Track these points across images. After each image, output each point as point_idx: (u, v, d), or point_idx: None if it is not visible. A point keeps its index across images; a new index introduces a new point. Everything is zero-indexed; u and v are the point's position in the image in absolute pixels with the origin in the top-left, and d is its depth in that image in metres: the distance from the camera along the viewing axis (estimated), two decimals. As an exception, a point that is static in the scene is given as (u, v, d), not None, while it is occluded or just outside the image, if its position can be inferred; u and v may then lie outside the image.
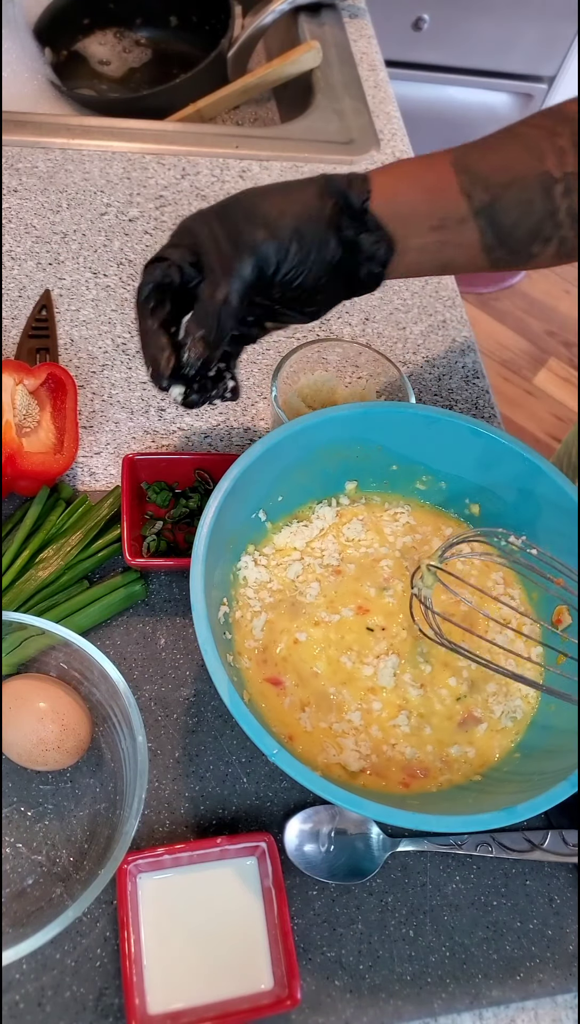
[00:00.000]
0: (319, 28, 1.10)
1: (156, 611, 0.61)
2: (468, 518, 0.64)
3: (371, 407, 0.61)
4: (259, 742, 0.46)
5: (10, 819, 0.52)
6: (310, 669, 0.56)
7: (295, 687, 0.55)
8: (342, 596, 0.59)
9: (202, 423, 0.73)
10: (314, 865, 0.52)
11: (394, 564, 0.61)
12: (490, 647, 0.57)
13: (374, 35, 1.13)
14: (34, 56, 1.07)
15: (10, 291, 0.78)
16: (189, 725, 0.57)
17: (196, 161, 0.92)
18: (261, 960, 0.49)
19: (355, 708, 0.55)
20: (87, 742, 0.53)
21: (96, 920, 0.50)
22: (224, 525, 0.54)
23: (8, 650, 0.54)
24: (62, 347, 0.75)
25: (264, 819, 0.54)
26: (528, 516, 0.61)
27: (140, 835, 0.53)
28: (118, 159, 0.90)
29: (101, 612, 0.59)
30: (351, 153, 0.97)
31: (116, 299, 0.79)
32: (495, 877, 0.54)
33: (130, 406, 0.73)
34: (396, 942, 0.51)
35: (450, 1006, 0.50)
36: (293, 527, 0.62)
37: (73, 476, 0.68)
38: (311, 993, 0.49)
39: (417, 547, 0.62)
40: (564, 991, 0.52)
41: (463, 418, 0.60)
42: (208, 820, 0.54)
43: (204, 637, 0.48)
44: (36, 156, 0.89)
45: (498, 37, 2.11)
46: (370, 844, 0.53)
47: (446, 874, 0.54)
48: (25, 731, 0.51)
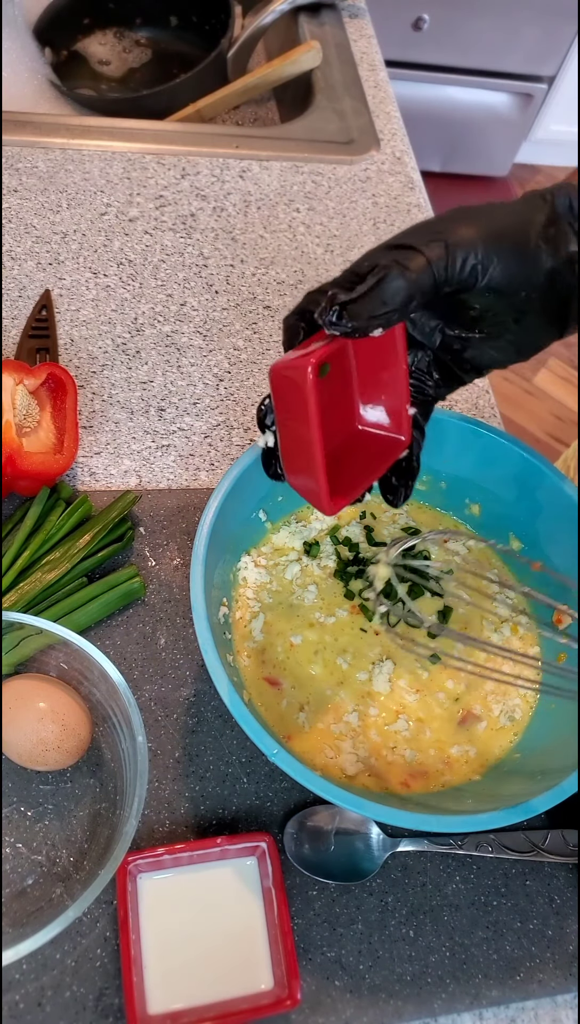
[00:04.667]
0: (319, 28, 1.10)
1: (156, 611, 0.61)
2: (468, 518, 0.64)
3: (371, 407, 0.61)
4: (259, 742, 0.46)
5: (10, 819, 0.52)
6: (307, 671, 0.56)
7: (292, 688, 0.55)
8: (338, 598, 0.59)
9: (202, 423, 0.73)
10: (314, 865, 0.52)
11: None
12: (488, 649, 0.57)
13: (374, 35, 1.13)
14: (34, 56, 1.07)
15: (10, 291, 0.78)
16: (189, 725, 0.57)
17: (196, 161, 0.92)
18: (261, 960, 0.48)
19: (353, 710, 0.55)
20: (87, 742, 0.53)
21: (96, 920, 0.50)
22: (224, 525, 0.54)
23: (6, 650, 0.54)
24: (62, 347, 0.75)
25: (264, 819, 0.54)
26: (528, 516, 0.61)
27: (140, 835, 0.53)
28: (118, 159, 0.90)
29: (100, 610, 0.59)
30: (351, 153, 0.97)
31: (116, 299, 0.79)
32: (495, 877, 0.54)
33: (130, 406, 0.73)
34: (396, 942, 0.51)
35: (450, 1006, 0.50)
36: (292, 527, 0.62)
37: (73, 476, 0.68)
38: (311, 993, 0.49)
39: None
40: (564, 991, 0.52)
41: (464, 418, 0.60)
42: (208, 820, 0.54)
43: (204, 637, 0.48)
44: (36, 156, 0.89)
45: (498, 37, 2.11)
46: (370, 844, 0.53)
47: (446, 874, 0.54)
48: (25, 731, 0.51)
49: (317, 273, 0.86)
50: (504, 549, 0.51)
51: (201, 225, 0.87)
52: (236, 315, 0.81)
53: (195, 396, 0.74)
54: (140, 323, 0.78)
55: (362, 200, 0.94)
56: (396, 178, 0.97)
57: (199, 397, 0.74)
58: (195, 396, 0.74)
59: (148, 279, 0.82)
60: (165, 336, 0.78)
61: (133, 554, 0.64)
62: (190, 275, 0.83)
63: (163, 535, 0.65)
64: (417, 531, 0.63)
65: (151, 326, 0.78)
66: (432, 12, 2.03)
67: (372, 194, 0.94)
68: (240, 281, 0.84)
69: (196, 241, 0.86)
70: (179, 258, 0.84)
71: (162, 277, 0.82)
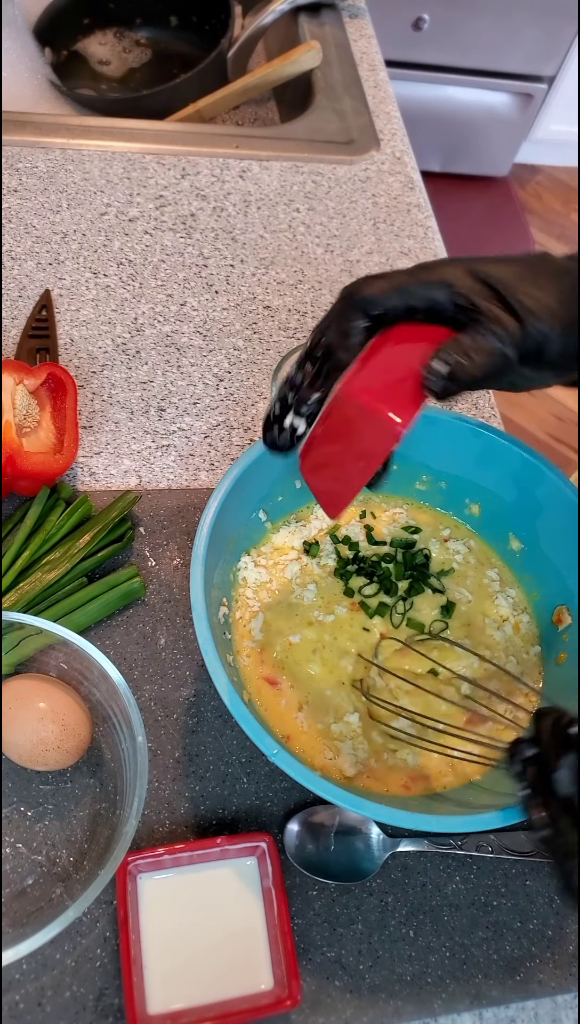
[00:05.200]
0: (319, 28, 1.10)
1: (156, 611, 0.61)
2: (468, 518, 0.64)
3: (371, 407, 0.61)
4: (259, 742, 0.45)
5: (10, 819, 0.52)
6: (306, 670, 0.56)
7: (291, 688, 0.55)
8: (338, 596, 0.59)
9: (202, 423, 0.73)
10: (314, 865, 0.52)
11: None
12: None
13: (374, 35, 1.13)
14: (34, 56, 1.07)
15: (10, 291, 0.78)
16: (189, 725, 0.57)
17: (196, 161, 0.92)
18: (261, 960, 0.48)
19: (353, 710, 0.55)
20: (87, 742, 0.53)
21: (96, 920, 0.50)
22: (224, 525, 0.54)
23: (6, 650, 0.54)
24: (62, 347, 0.75)
25: (264, 819, 0.54)
26: (528, 516, 0.61)
27: (140, 835, 0.53)
28: (118, 159, 0.90)
29: (100, 610, 0.59)
30: (351, 153, 0.97)
31: (116, 299, 0.79)
32: (495, 877, 0.54)
33: (130, 406, 0.73)
34: (396, 942, 0.51)
35: (450, 1006, 0.50)
36: (292, 527, 0.62)
37: (73, 476, 0.68)
38: (311, 993, 0.49)
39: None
40: (564, 991, 0.52)
41: (463, 418, 0.60)
42: (208, 820, 0.54)
43: (204, 637, 0.48)
44: (36, 156, 0.89)
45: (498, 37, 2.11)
46: (370, 844, 0.53)
47: (446, 874, 0.54)
48: (25, 731, 0.51)
49: (317, 273, 0.86)
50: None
51: (201, 225, 0.87)
52: (236, 315, 0.81)
53: (195, 396, 0.74)
54: (140, 323, 0.78)
55: (362, 200, 0.94)
56: (396, 178, 0.97)
57: (199, 397, 0.74)
58: (195, 396, 0.74)
59: (148, 279, 0.82)
60: (165, 336, 0.78)
61: (133, 554, 0.64)
62: (190, 275, 0.83)
63: (163, 535, 0.65)
64: (418, 530, 0.63)
65: (151, 326, 0.78)
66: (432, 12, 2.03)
67: (372, 194, 0.94)
68: (240, 281, 0.84)
69: (196, 241, 0.86)
70: (179, 258, 0.84)
71: (162, 277, 0.82)
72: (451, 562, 0.62)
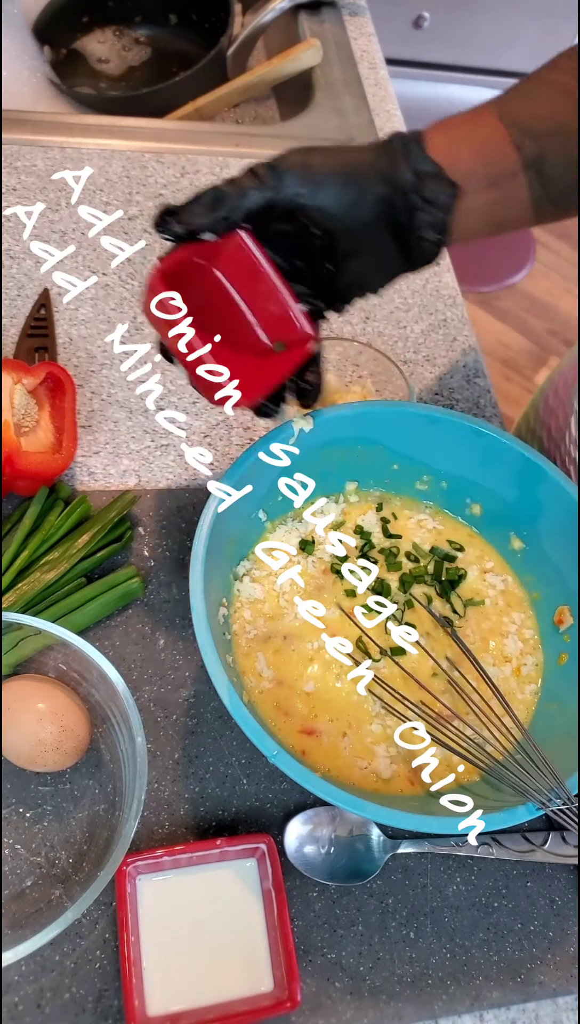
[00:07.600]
0: (319, 26, 1.09)
1: (155, 612, 0.61)
2: (469, 518, 0.64)
3: (372, 406, 0.61)
4: (259, 743, 0.45)
5: (9, 820, 0.52)
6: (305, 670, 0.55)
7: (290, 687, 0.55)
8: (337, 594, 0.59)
9: (201, 423, 0.73)
10: (314, 867, 0.52)
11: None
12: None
13: (374, 33, 1.12)
14: (33, 54, 1.07)
15: (9, 290, 0.77)
16: (188, 726, 0.57)
17: (195, 159, 0.92)
18: (261, 962, 0.48)
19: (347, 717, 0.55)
20: (86, 743, 0.53)
21: (95, 922, 0.49)
22: (224, 525, 0.54)
23: (5, 650, 0.54)
24: (61, 346, 0.75)
25: (264, 821, 0.54)
26: (529, 516, 0.60)
27: (139, 836, 0.52)
28: (117, 158, 0.90)
29: (99, 610, 0.59)
30: (351, 151, 0.96)
31: (115, 298, 0.79)
32: (496, 879, 0.54)
33: (129, 405, 0.73)
34: (397, 944, 0.51)
35: (451, 1008, 0.50)
36: (288, 525, 0.62)
37: (72, 476, 0.67)
38: (311, 995, 0.49)
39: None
40: (565, 993, 0.51)
41: (464, 417, 0.60)
42: (208, 822, 0.54)
43: (204, 638, 0.48)
44: (35, 154, 0.88)
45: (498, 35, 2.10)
46: (370, 846, 0.53)
47: (447, 876, 0.54)
48: (24, 732, 0.50)
49: (317, 272, 0.85)
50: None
51: (201, 224, 0.87)
52: (236, 314, 0.80)
53: (194, 395, 0.74)
54: (139, 322, 0.78)
55: (362, 198, 0.93)
56: (396, 176, 0.96)
57: (198, 396, 0.74)
58: (194, 395, 0.74)
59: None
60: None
61: (132, 554, 0.64)
62: (190, 274, 0.83)
63: (162, 535, 0.65)
64: (462, 548, 0.62)
65: (150, 325, 0.78)
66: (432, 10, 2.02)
67: (372, 192, 0.94)
68: (240, 280, 0.83)
69: (196, 240, 0.86)
70: (179, 257, 0.84)
71: (161, 276, 0.82)
72: (484, 595, 0.61)
